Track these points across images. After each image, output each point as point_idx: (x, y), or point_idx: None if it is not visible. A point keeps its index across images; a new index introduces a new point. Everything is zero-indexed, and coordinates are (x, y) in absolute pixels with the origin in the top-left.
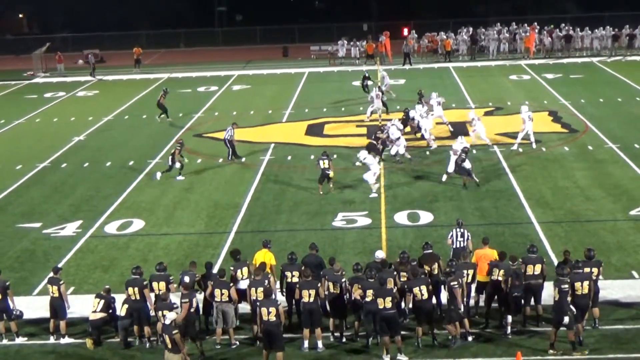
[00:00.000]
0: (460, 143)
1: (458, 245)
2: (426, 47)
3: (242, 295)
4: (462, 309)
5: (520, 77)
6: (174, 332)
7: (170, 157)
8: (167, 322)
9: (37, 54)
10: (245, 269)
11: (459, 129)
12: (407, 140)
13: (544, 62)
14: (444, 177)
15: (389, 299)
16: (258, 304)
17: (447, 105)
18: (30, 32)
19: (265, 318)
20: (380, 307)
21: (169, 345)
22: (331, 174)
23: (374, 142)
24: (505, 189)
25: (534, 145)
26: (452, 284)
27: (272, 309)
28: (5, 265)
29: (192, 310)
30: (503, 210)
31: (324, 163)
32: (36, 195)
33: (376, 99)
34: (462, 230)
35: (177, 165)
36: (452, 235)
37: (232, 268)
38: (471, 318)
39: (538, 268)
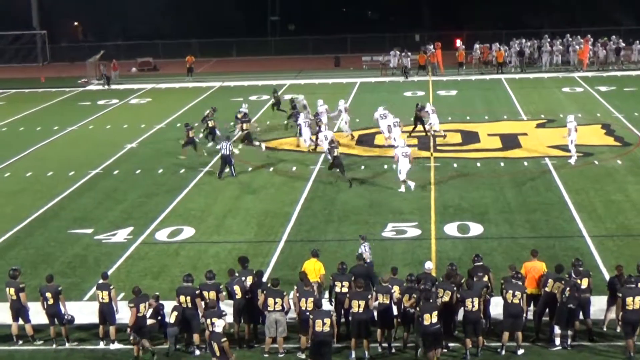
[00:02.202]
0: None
1: (372, 259)
2: (479, 58)
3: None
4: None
5: (573, 90)
6: (223, 339)
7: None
8: (217, 329)
9: (91, 61)
10: (250, 278)
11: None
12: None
13: (597, 74)
14: (403, 188)
15: (435, 313)
16: (310, 315)
17: (498, 116)
18: (85, 40)
19: (319, 329)
20: (427, 323)
21: (217, 353)
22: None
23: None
24: (557, 201)
25: (575, 158)
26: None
27: (327, 320)
28: (57, 271)
29: (139, 315)
30: (554, 223)
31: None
32: (88, 201)
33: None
34: (368, 242)
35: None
36: (368, 251)
37: (236, 274)
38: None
39: (585, 282)
